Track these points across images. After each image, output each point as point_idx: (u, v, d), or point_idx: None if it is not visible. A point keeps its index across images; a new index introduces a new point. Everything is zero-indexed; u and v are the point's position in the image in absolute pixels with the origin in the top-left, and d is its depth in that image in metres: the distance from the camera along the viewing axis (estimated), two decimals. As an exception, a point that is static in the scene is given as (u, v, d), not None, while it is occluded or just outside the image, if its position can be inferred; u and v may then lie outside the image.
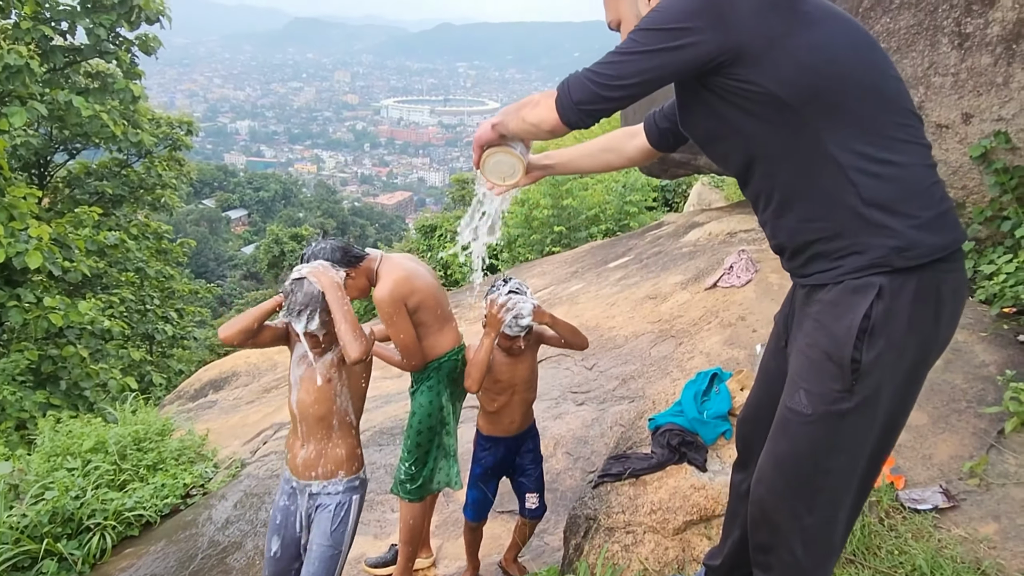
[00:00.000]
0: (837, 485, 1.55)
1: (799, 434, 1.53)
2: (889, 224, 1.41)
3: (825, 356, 1.46)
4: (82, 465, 4.17)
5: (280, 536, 2.29)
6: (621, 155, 2.04)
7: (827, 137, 1.41)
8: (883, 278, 1.41)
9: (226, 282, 41.99)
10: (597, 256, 8.09)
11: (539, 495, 2.75)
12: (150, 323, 15.46)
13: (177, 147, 16.75)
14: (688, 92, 1.58)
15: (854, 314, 1.42)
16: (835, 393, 1.46)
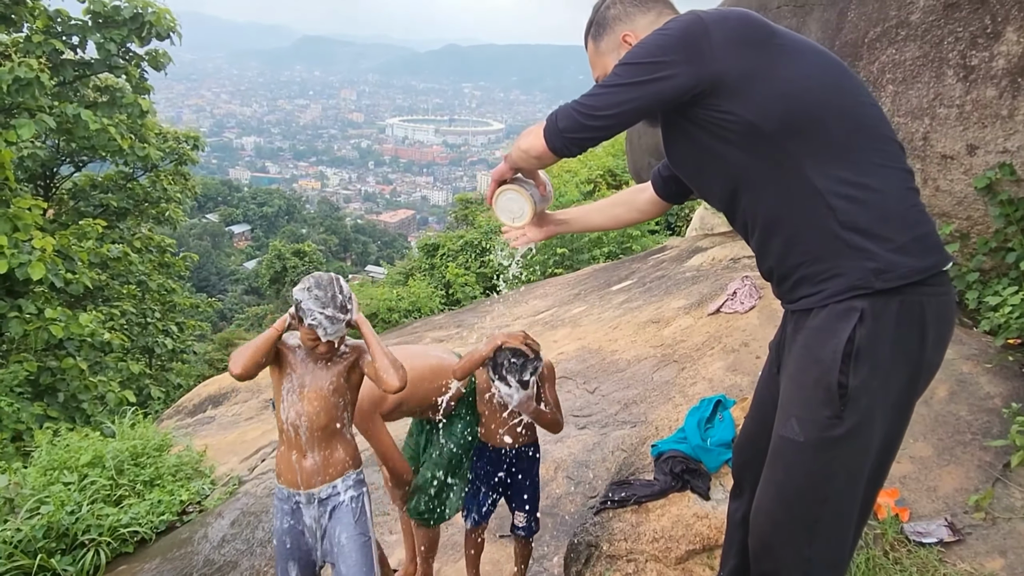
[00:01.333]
0: (836, 513, 1.54)
1: (794, 462, 1.53)
2: (867, 247, 1.43)
3: (814, 382, 1.48)
4: (79, 479, 4.14)
5: (296, 560, 2.21)
6: (632, 208, 2.14)
7: (805, 163, 1.46)
8: (864, 301, 1.43)
9: (227, 296, 42.02)
10: (600, 279, 8.09)
11: (527, 515, 2.68)
12: (150, 336, 15.45)
13: (183, 161, 16.85)
14: (672, 126, 1.65)
15: (838, 339, 1.44)
16: (825, 419, 1.47)
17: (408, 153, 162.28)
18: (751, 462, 1.88)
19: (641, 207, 2.12)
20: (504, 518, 3.32)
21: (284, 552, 2.22)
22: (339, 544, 2.20)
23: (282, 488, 2.23)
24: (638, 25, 1.69)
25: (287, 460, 2.20)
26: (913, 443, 3.02)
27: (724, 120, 1.48)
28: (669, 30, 1.51)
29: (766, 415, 1.79)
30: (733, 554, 1.97)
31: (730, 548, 2.00)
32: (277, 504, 2.24)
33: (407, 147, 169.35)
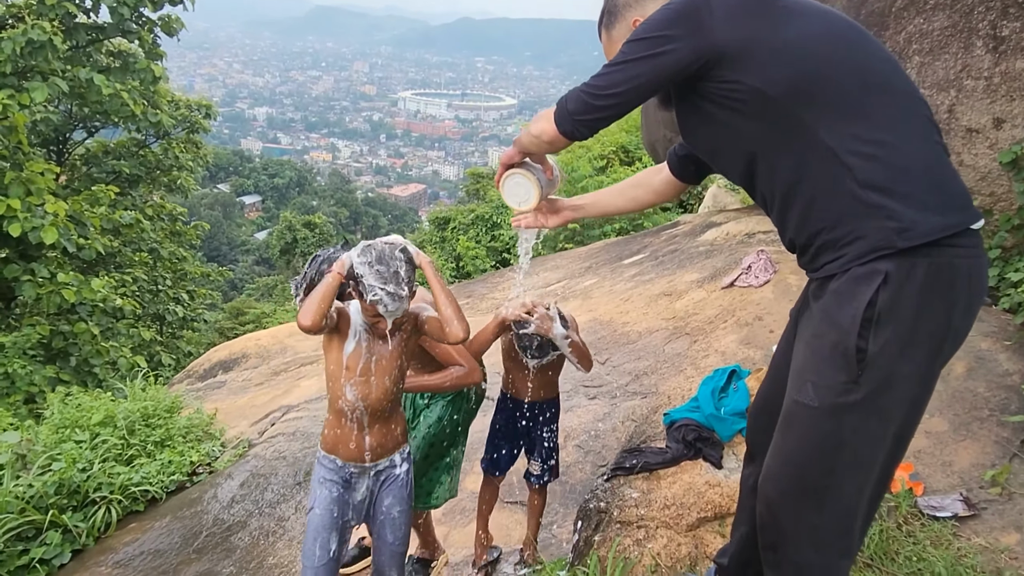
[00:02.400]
0: (847, 483, 1.50)
1: (806, 428, 1.50)
2: (887, 205, 1.38)
3: (831, 346, 1.44)
4: (90, 438, 4.16)
5: (338, 530, 2.18)
6: (649, 190, 2.11)
7: (816, 125, 1.42)
8: (889, 263, 1.37)
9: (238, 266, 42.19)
10: (612, 252, 8.03)
11: (541, 463, 2.72)
12: (161, 304, 15.53)
13: (195, 130, 16.81)
14: (684, 104, 1.63)
15: (858, 302, 1.39)
16: (841, 385, 1.43)
17: (420, 127, 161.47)
18: (765, 428, 1.85)
19: (658, 188, 2.10)
20: (510, 486, 3.32)
21: (330, 522, 2.16)
22: (389, 515, 2.23)
23: (334, 459, 2.17)
24: (648, 10, 1.67)
25: (345, 434, 2.15)
26: (929, 418, 2.98)
27: (732, 90, 1.47)
28: (671, 5, 1.50)
29: (783, 382, 1.75)
30: (744, 520, 1.95)
31: (742, 514, 1.98)
32: (325, 475, 2.18)
33: (419, 121, 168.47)
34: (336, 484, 2.17)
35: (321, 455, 2.20)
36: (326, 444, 2.19)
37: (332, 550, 2.17)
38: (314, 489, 2.20)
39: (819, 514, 1.52)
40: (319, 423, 4.82)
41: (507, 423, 2.75)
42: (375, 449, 2.18)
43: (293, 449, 4.38)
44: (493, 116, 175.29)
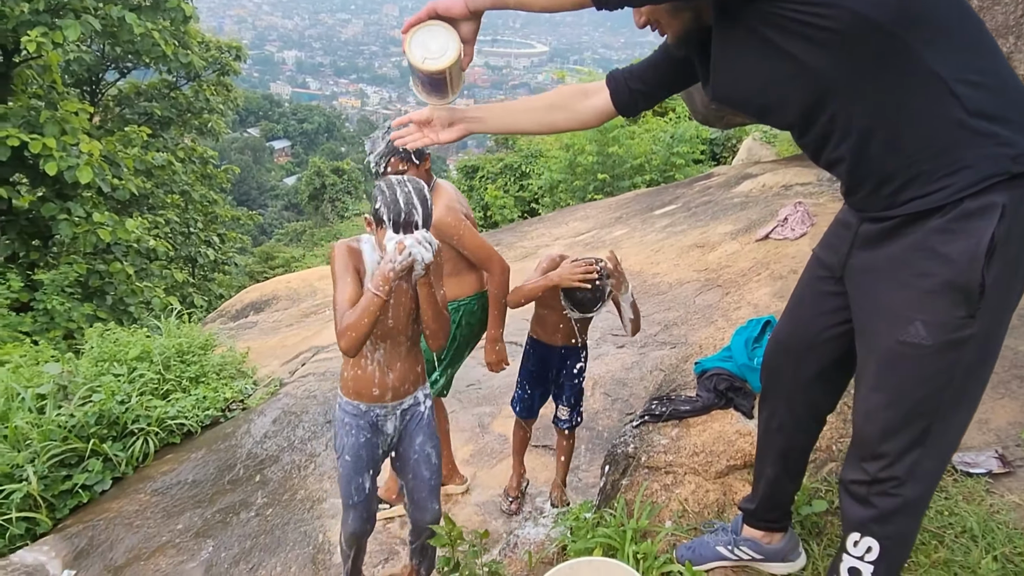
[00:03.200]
0: (952, 414, 1.48)
1: (918, 367, 1.44)
2: (999, 132, 1.31)
3: (945, 284, 1.37)
4: (128, 372, 4.27)
5: (370, 472, 2.21)
6: (571, 115, 1.82)
7: (923, 52, 1.30)
8: (1003, 194, 1.31)
9: (267, 211, 42.52)
10: (643, 203, 7.92)
11: (570, 409, 2.80)
12: (193, 246, 15.76)
13: (225, 72, 16.77)
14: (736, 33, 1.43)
15: (979, 237, 1.32)
16: (958, 320, 1.38)
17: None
18: (784, 367, 1.82)
19: (583, 116, 1.82)
20: (539, 430, 3.35)
21: (361, 466, 2.19)
22: (423, 452, 2.25)
23: (358, 404, 2.16)
24: None
25: (367, 376, 2.13)
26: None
27: (819, 16, 1.29)
28: None
29: (805, 318, 1.73)
30: (771, 463, 1.93)
31: (766, 456, 1.95)
32: (350, 420, 2.17)
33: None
34: (362, 429, 2.17)
35: (344, 401, 2.18)
36: (348, 389, 2.17)
37: (367, 488, 2.23)
38: (340, 436, 2.19)
39: (923, 447, 1.49)
40: (349, 364, 4.90)
41: (538, 368, 2.77)
42: (398, 388, 2.17)
43: (323, 389, 4.45)
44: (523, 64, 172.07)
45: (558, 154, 13.91)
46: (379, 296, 1.86)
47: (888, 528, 1.55)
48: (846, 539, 1.60)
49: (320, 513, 3.25)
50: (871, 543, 1.56)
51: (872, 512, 1.55)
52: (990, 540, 2.10)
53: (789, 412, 1.84)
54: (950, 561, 1.98)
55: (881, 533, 1.55)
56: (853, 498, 1.59)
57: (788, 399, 1.83)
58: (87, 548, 3.23)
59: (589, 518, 2.40)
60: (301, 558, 2.95)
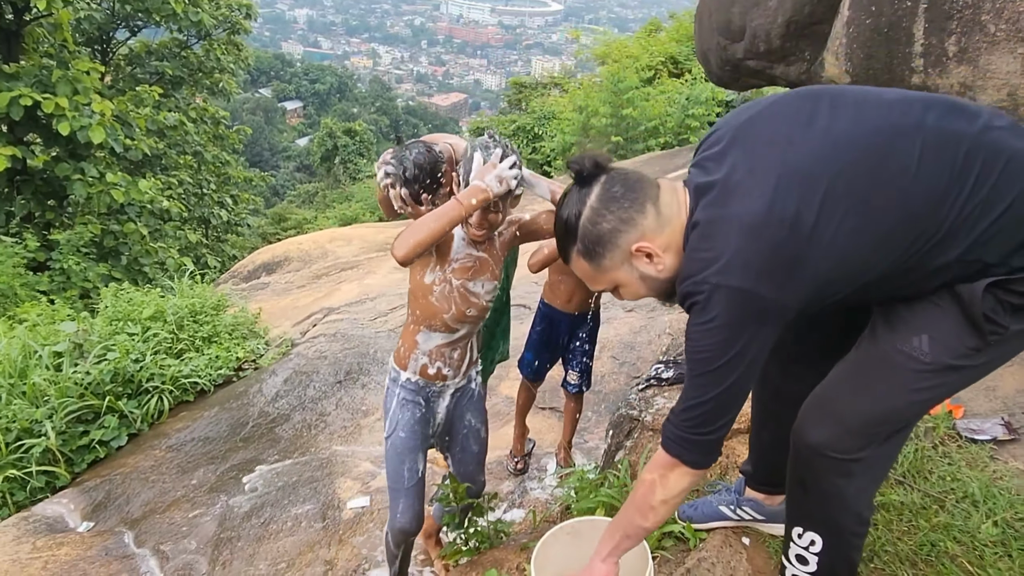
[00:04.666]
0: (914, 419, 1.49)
1: (904, 378, 1.41)
2: None
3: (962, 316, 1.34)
4: (142, 331, 4.33)
5: (422, 450, 2.15)
6: None
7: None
8: None
9: (280, 173, 42.48)
10: (656, 166, 7.85)
11: (579, 374, 2.81)
12: (206, 207, 15.81)
13: (236, 31, 16.60)
14: None
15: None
16: (966, 349, 1.35)
17: (462, 33, 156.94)
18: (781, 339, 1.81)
19: None
20: (545, 392, 3.38)
21: (415, 444, 2.10)
22: (473, 428, 2.24)
23: (417, 380, 2.07)
24: (646, 228, 1.39)
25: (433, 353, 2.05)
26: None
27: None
28: (719, 320, 1.30)
29: None
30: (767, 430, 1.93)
31: (761, 423, 1.95)
32: (406, 396, 2.08)
33: (461, 27, 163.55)
34: (418, 405, 2.09)
35: (402, 377, 2.08)
36: (405, 363, 2.07)
37: (420, 470, 2.15)
38: (393, 412, 2.09)
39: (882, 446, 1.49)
40: (359, 325, 4.94)
41: (549, 333, 2.78)
42: (459, 367, 2.11)
43: (334, 349, 4.50)
44: (538, 23, 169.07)
45: (571, 116, 13.78)
46: (463, 206, 1.74)
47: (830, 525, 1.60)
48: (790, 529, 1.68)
49: (330, 472, 3.31)
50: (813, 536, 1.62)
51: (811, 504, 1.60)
52: (991, 505, 2.11)
53: (784, 381, 1.84)
54: (950, 525, 2.00)
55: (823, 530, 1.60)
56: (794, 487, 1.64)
57: (783, 369, 1.82)
58: (104, 501, 3.32)
59: (593, 478, 2.43)
60: (311, 515, 3.01)
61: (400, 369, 2.08)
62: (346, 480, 3.20)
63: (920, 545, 1.95)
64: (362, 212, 16.89)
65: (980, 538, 1.96)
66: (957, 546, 1.94)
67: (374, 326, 4.92)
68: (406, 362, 2.07)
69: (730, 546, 2.01)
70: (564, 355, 2.83)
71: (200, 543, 2.93)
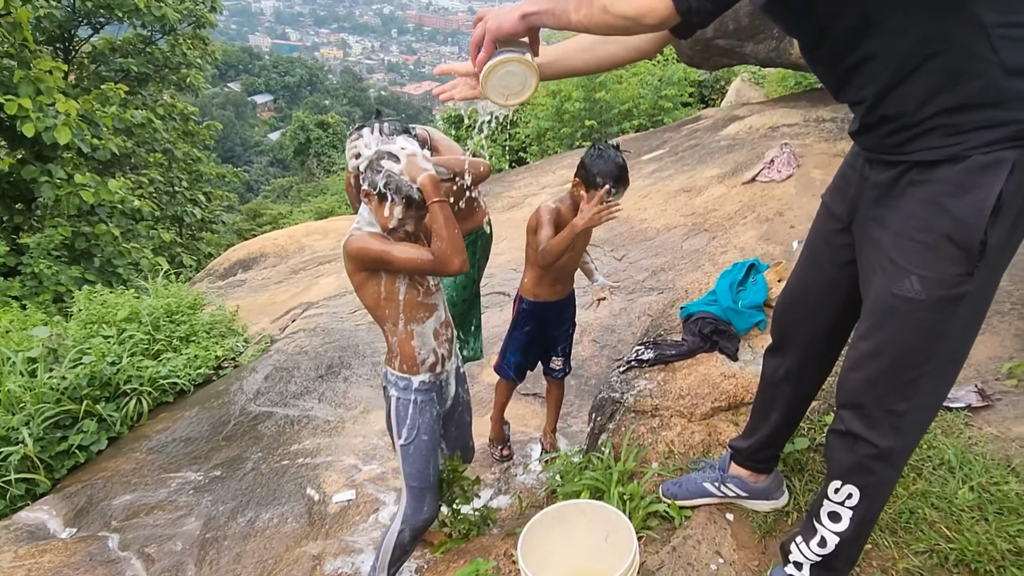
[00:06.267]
0: (941, 368, 1.48)
1: (910, 321, 1.44)
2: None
3: (946, 239, 1.35)
4: (117, 333, 4.27)
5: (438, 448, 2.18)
6: (627, 46, 1.74)
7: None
8: (1016, 152, 1.28)
9: (253, 168, 41.99)
10: (630, 148, 7.84)
11: (563, 359, 2.87)
12: (179, 205, 15.58)
13: (201, 24, 16.32)
14: None
15: (986, 194, 1.30)
16: (956, 276, 1.37)
17: (432, 21, 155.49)
18: (798, 320, 1.81)
19: (638, 43, 1.73)
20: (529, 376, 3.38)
21: (436, 441, 2.13)
22: (464, 400, 2.30)
23: (426, 378, 2.09)
24: None
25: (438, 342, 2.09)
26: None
27: None
28: None
29: (820, 270, 1.72)
30: (777, 409, 1.94)
31: (771, 404, 1.96)
32: (422, 398, 2.09)
33: (431, 14, 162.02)
34: (434, 402, 2.11)
35: (415, 382, 2.08)
36: (415, 368, 2.07)
37: (439, 464, 2.23)
38: (412, 418, 2.08)
39: (908, 400, 1.50)
40: (339, 319, 4.91)
41: (540, 330, 2.78)
42: (452, 342, 2.15)
43: (314, 344, 4.47)
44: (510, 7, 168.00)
45: (545, 101, 13.73)
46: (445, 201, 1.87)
47: (869, 478, 1.57)
48: (828, 485, 1.63)
49: (315, 467, 3.30)
50: (852, 490, 1.59)
51: (853, 460, 1.57)
52: (967, 471, 2.15)
53: (801, 364, 1.85)
54: (927, 492, 2.04)
55: (862, 482, 1.58)
56: (836, 447, 1.62)
57: (801, 351, 1.84)
58: (86, 506, 3.28)
59: (577, 462, 2.45)
60: (297, 510, 3.00)
61: (410, 376, 2.08)
62: (331, 474, 3.19)
63: (899, 513, 1.98)
64: (338, 205, 16.75)
65: (957, 504, 2.00)
66: (935, 512, 1.98)
67: (354, 319, 4.89)
68: (415, 367, 2.07)
69: (714, 523, 2.03)
70: (548, 347, 2.83)
71: (186, 544, 2.91)
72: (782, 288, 1.92)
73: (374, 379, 4.05)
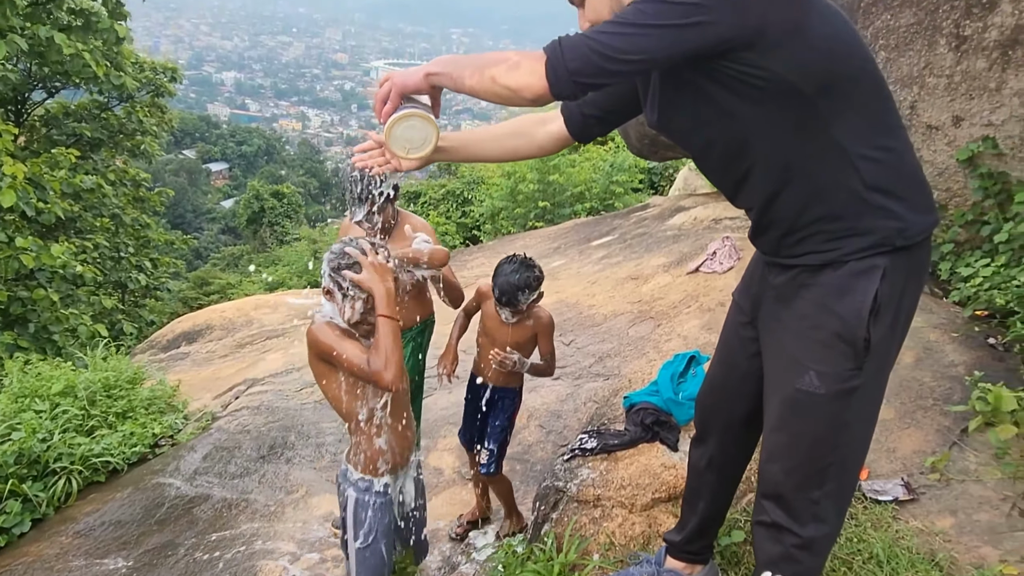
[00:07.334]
0: (847, 456, 1.60)
1: (813, 413, 1.56)
2: (890, 207, 1.45)
3: (836, 337, 1.50)
4: (50, 408, 4.12)
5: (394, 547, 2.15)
6: (531, 142, 1.89)
7: (834, 124, 1.41)
8: (885, 259, 1.46)
9: (203, 235, 41.47)
10: (581, 233, 8.09)
11: (488, 453, 2.78)
12: (123, 271, 15.21)
13: (160, 93, 16.38)
14: (673, 75, 1.50)
15: (864, 296, 1.46)
16: (848, 371, 1.51)
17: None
18: (717, 408, 1.93)
19: (541, 142, 1.88)
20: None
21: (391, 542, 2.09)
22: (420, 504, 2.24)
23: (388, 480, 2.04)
24: None
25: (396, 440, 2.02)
26: (877, 406, 3.10)
27: (751, 75, 1.35)
28: None
29: (733, 363, 1.85)
30: (703, 497, 2.02)
31: (698, 493, 2.04)
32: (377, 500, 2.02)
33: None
34: (392, 504, 2.06)
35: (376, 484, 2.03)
36: (376, 469, 2.01)
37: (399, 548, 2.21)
38: (370, 522, 2.02)
39: (821, 487, 1.60)
40: (284, 397, 4.83)
41: (471, 401, 2.83)
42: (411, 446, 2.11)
43: (257, 423, 4.39)
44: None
45: (499, 181, 14.09)
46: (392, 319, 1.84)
47: (796, 566, 1.65)
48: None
49: (251, 554, 3.20)
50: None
51: (780, 550, 1.65)
52: (895, 565, 2.23)
53: (721, 451, 1.95)
54: (857, 587, 2.10)
55: (790, 571, 1.65)
56: (762, 537, 1.70)
57: (721, 438, 1.94)
58: (2, 596, 3.10)
59: (520, 552, 2.45)
60: (231, 600, 2.89)
61: (371, 477, 2.02)
62: (268, 563, 3.10)
63: (830, 608, 2.04)
64: (289, 276, 16.60)
65: (884, 599, 2.06)
66: (863, 608, 2.04)
67: (300, 397, 4.82)
68: (376, 467, 2.01)
69: (653, 618, 2.05)
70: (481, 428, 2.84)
71: (108, 638, 2.76)
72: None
73: (317, 461, 3.98)
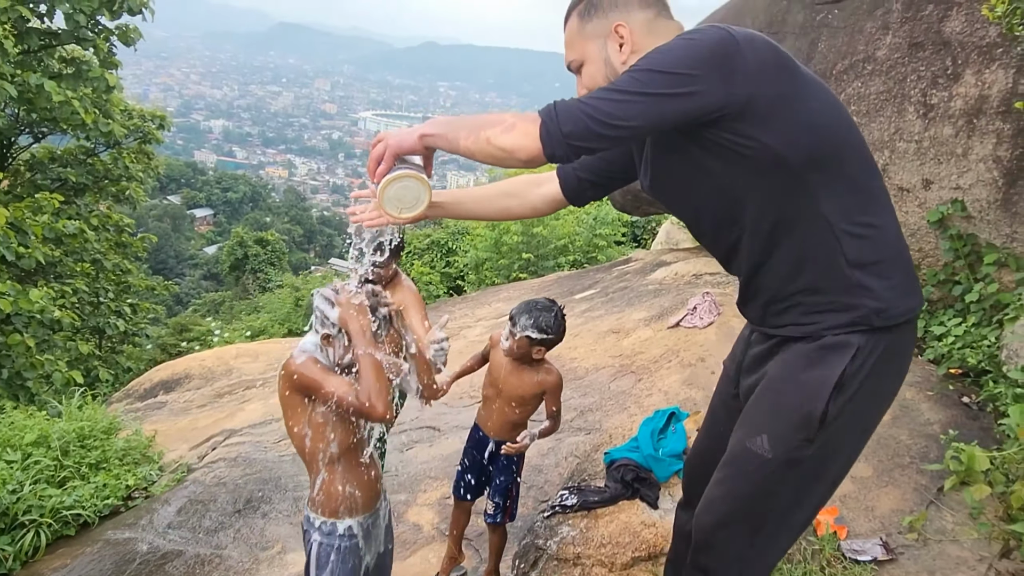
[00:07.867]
0: (781, 522, 1.61)
1: (755, 474, 1.57)
2: (870, 285, 1.46)
3: (795, 406, 1.51)
4: (22, 458, 4.03)
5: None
6: (524, 203, 1.92)
7: (821, 197, 1.43)
8: (860, 337, 1.46)
9: (185, 280, 41.21)
10: (564, 286, 8.16)
11: (495, 505, 2.75)
12: (102, 316, 15.03)
13: (147, 140, 16.48)
14: (666, 143, 1.54)
15: (830, 371, 1.46)
16: (798, 441, 1.51)
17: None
18: (703, 476, 1.93)
19: (535, 203, 1.92)
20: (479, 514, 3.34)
21: None
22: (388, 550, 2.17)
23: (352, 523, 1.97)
24: (633, 20, 1.53)
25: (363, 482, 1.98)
26: (855, 464, 3.12)
27: (741, 145, 1.38)
28: (698, 41, 1.36)
29: (720, 432, 1.83)
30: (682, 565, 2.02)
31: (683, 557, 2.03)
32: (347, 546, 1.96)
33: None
34: (360, 551, 1.99)
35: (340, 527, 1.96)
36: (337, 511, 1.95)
37: None
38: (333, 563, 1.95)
39: (751, 547, 1.61)
40: (262, 449, 4.77)
41: (472, 453, 2.79)
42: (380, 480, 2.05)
43: (234, 475, 4.32)
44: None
45: (484, 233, 14.22)
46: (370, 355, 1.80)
47: None
48: None
49: (224, 611, 3.12)
50: None
51: None
52: (874, 627, 2.23)
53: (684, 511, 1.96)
54: (836, 650, 2.09)
55: None
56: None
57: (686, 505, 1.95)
58: (-39, 656, 2.98)
59: (499, 613, 2.41)
60: (200, 661, 2.81)
61: (335, 520, 1.96)
62: (240, 621, 3.02)
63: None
64: (271, 324, 16.49)
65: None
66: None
67: (278, 449, 4.76)
68: (339, 511, 1.96)
69: None
70: (486, 481, 2.82)
71: None
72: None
73: (294, 515, 3.91)
